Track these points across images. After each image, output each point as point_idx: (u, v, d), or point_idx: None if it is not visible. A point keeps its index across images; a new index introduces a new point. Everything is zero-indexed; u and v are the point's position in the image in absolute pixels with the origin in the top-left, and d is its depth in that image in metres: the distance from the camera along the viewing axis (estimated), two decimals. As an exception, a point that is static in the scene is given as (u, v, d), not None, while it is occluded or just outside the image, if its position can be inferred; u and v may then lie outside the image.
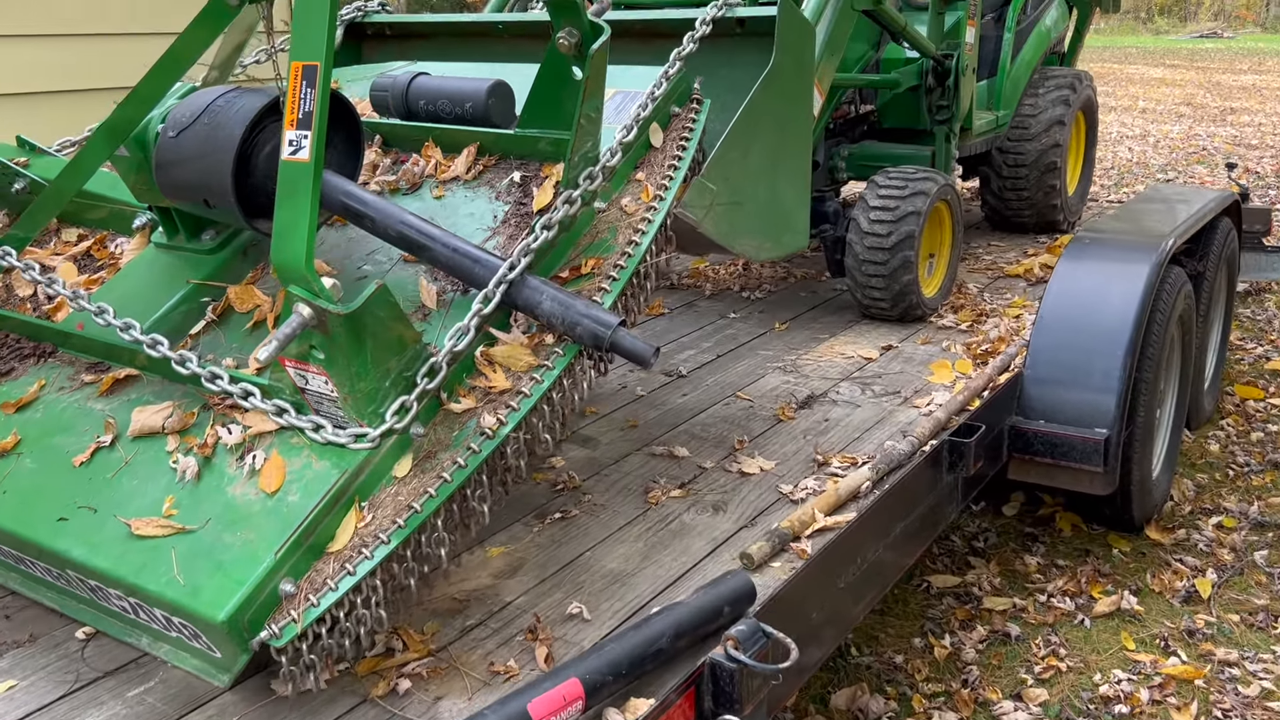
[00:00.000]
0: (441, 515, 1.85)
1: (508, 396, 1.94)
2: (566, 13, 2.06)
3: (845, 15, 3.38)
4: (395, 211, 2.07)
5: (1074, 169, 5.33)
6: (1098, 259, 3.27)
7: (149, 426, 2.02)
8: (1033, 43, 4.94)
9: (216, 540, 1.80)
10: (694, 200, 2.37)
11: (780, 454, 2.79)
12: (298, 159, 1.67)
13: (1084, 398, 3.03)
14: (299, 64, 1.65)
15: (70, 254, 2.55)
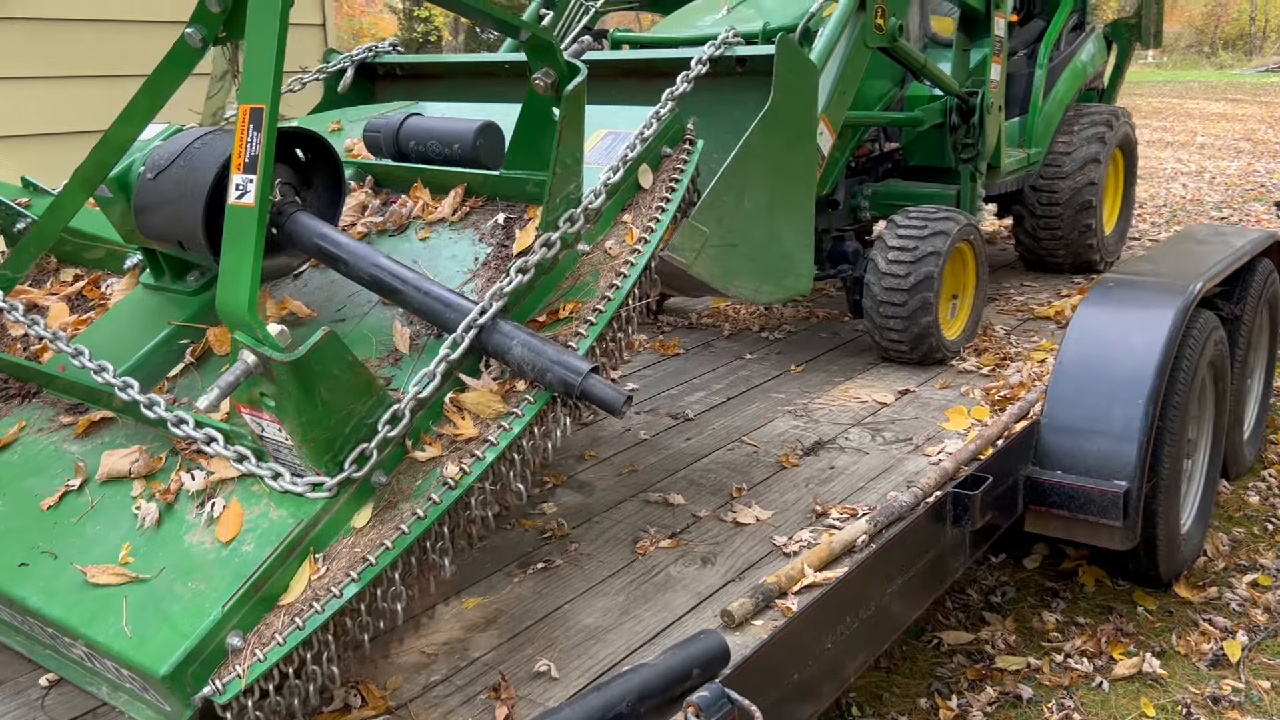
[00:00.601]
0: (399, 568, 1.80)
1: (474, 445, 1.89)
2: (543, 54, 2.03)
3: (858, 53, 3.31)
4: (368, 254, 2.03)
5: (1112, 208, 5.18)
6: (1121, 303, 3.14)
7: (116, 471, 2.00)
8: (1067, 79, 4.83)
9: (168, 590, 1.76)
10: (684, 243, 2.31)
11: (779, 503, 2.70)
12: (243, 203, 1.64)
13: (1103, 448, 2.89)
14: (246, 107, 1.63)
15: (64, 294, 2.56)
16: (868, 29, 3.32)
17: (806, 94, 2.59)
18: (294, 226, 2.07)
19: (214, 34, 1.79)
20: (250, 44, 1.62)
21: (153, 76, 1.88)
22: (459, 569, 2.38)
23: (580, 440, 3.20)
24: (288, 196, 2.08)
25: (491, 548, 2.52)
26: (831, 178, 3.97)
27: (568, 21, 3.97)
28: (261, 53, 1.60)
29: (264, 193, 1.64)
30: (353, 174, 2.58)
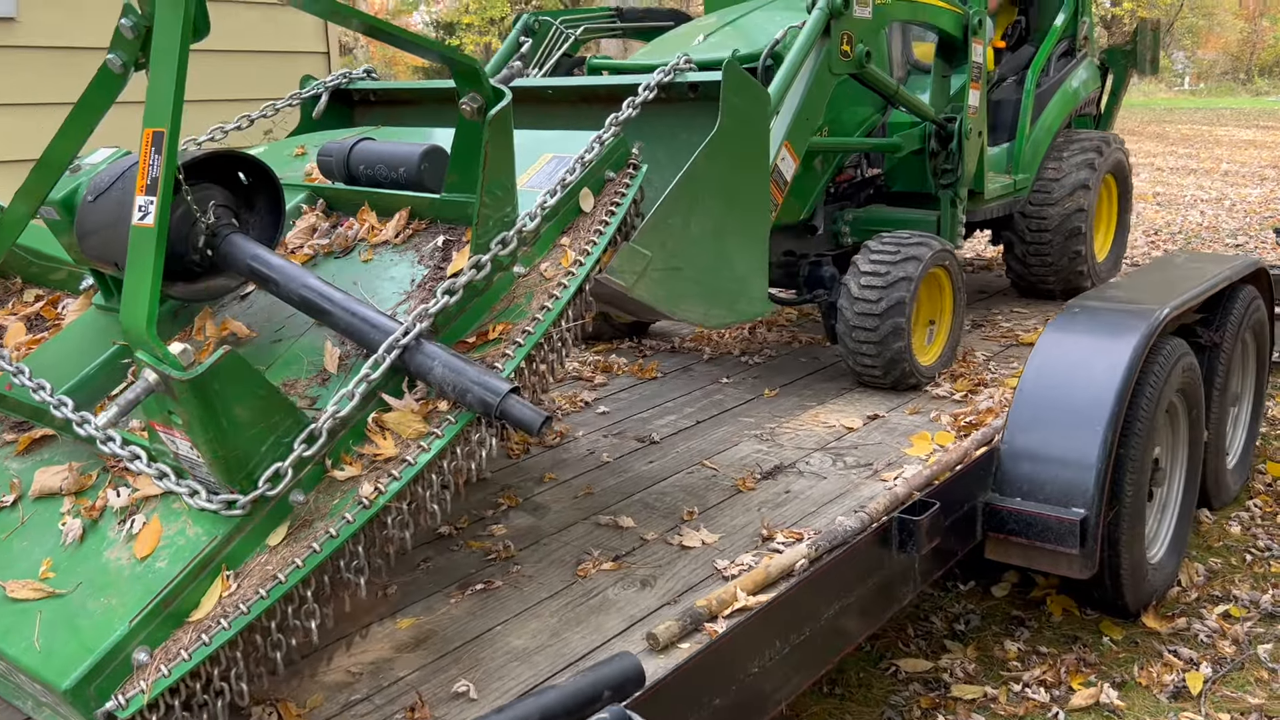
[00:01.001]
0: (311, 586, 1.81)
1: (392, 465, 1.91)
2: (469, 80, 2.06)
3: (822, 81, 3.33)
4: (299, 275, 2.06)
5: (1105, 235, 5.15)
6: (1086, 328, 3.12)
7: (48, 488, 2.03)
8: (1056, 105, 4.82)
9: (81, 605, 1.79)
10: (623, 265, 2.32)
11: (728, 527, 2.70)
12: (144, 224, 1.68)
13: (1061, 475, 2.87)
14: (149, 130, 1.67)
15: (23, 314, 2.61)
16: (833, 56, 3.34)
17: (756, 120, 2.60)
18: (229, 248, 2.11)
19: (134, 59, 1.83)
20: (153, 70, 1.67)
21: (81, 101, 1.93)
22: (399, 589, 2.42)
23: (543, 462, 3.22)
24: (223, 219, 2.12)
25: (435, 568, 2.54)
26: (809, 203, 3.98)
27: (548, 48, 4.02)
28: (163, 79, 1.65)
29: (163, 214, 1.68)
30: (305, 197, 2.63)
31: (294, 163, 2.89)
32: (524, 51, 3.99)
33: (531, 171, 2.42)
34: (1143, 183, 13.24)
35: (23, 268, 2.72)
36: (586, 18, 4.21)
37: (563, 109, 3.04)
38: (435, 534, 2.71)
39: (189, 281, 2.21)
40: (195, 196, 2.07)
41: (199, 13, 1.74)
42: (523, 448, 3.33)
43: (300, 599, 1.80)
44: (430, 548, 2.65)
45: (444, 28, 27.45)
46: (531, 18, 4.06)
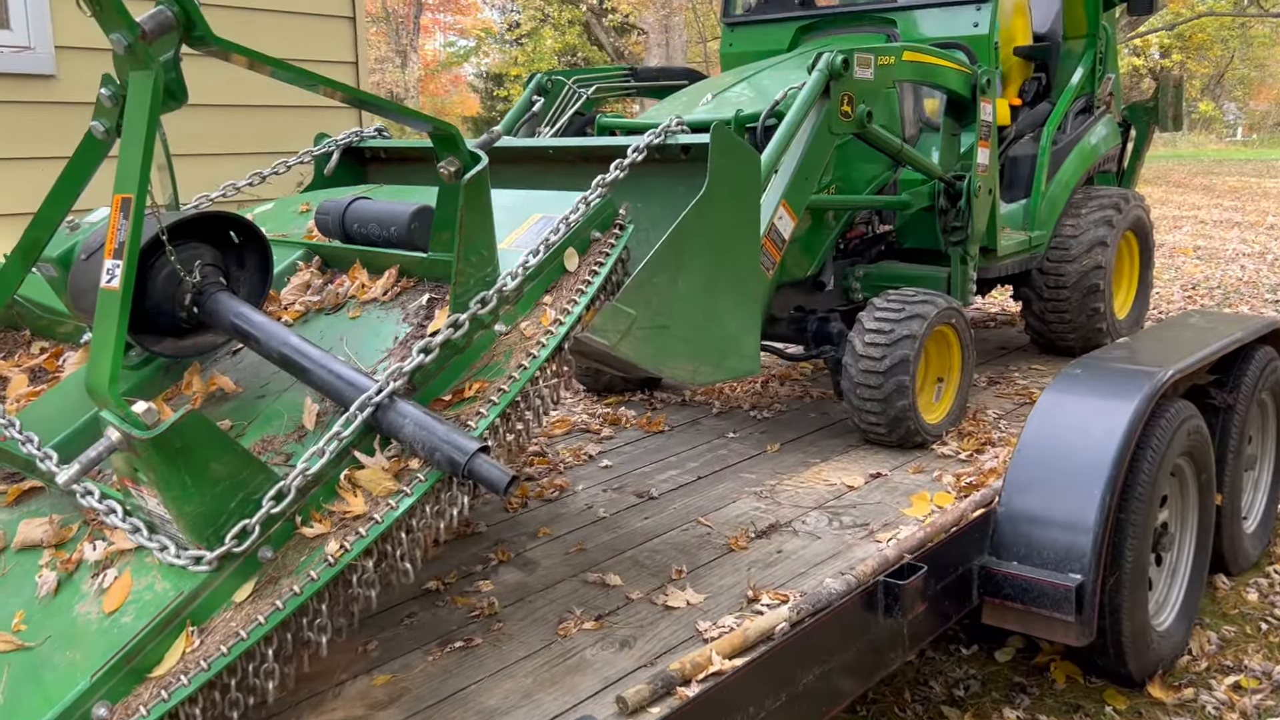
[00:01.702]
0: (273, 644, 1.83)
1: (360, 523, 1.93)
2: (446, 144, 2.10)
3: (822, 141, 3.35)
4: (279, 334, 2.11)
5: (1126, 293, 5.10)
6: (1085, 391, 3.08)
7: (30, 539, 2.08)
8: (1074, 161, 4.80)
9: (48, 659, 1.82)
10: (606, 324, 2.33)
11: (715, 587, 2.68)
12: (110, 287, 1.73)
13: (1057, 539, 2.82)
14: (118, 196, 1.72)
15: (28, 365, 2.68)
16: (833, 116, 3.36)
17: (745, 181, 2.62)
18: (214, 306, 2.16)
19: (115, 125, 1.90)
20: (124, 138, 1.73)
21: (69, 164, 2.00)
22: (380, 644, 2.43)
23: (539, 516, 3.22)
24: (210, 278, 2.18)
25: (419, 624, 2.55)
26: (818, 258, 3.99)
27: (561, 106, 4.08)
28: (133, 146, 1.70)
29: (129, 277, 1.72)
30: (302, 254, 2.69)
31: (298, 219, 2.96)
32: (536, 110, 4.06)
33: (520, 231, 2.45)
34: (1185, 236, 13.08)
35: (31, 320, 2.81)
36: (600, 76, 4.29)
37: (561, 168, 3.08)
38: (422, 589, 2.72)
39: (177, 338, 2.27)
40: (183, 256, 2.14)
41: (175, 83, 1.81)
42: (520, 502, 3.34)
43: (261, 656, 1.82)
44: (416, 603, 2.66)
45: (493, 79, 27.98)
46: (544, 77, 4.14)
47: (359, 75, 6.08)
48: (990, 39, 4.23)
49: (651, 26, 20.31)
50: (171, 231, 2.09)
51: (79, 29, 4.73)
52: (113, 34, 1.74)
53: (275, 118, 5.56)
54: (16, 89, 4.66)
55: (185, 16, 1.77)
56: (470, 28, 31.09)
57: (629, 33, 22.67)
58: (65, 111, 4.83)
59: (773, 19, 4.75)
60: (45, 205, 2.07)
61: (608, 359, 2.45)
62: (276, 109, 5.57)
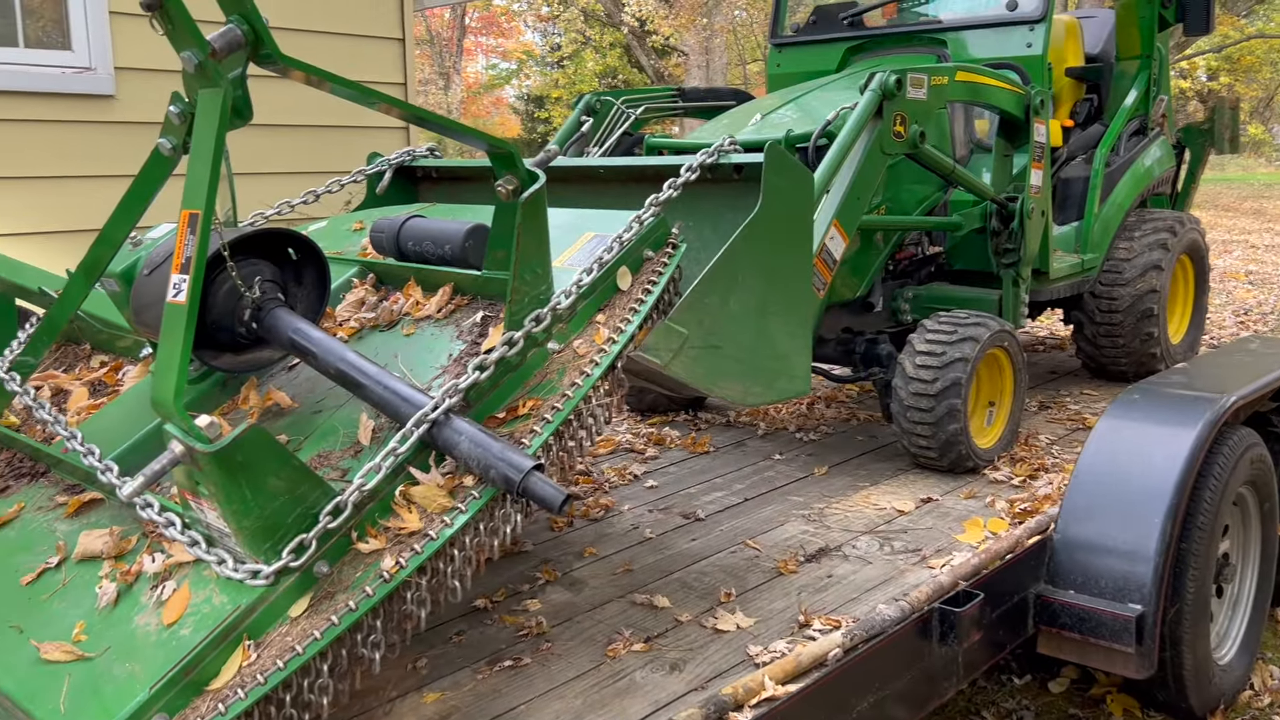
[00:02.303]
0: (327, 660, 1.83)
1: (415, 539, 1.93)
2: (504, 163, 2.11)
3: (874, 161, 3.33)
4: (337, 349, 2.12)
5: (1181, 318, 5.01)
6: (1144, 415, 3.03)
7: (90, 551, 2.10)
8: (1127, 184, 4.74)
9: (107, 670, 1.83)
10: (659, 343, 2.32)
11: (765, 611, 2.65)
12: (177, 301, 1.74)
13: (1117, 568, 2.77)
14: (185, 211, 1.74)
15: (88, 379, 2.72)
16: (885, 136, 3.34)
17: (798, 201, 2.60)
18: (272, 322, 2.17)
19: (182, 142, 1.92)
20: (192, 155, 1.75)
21: (135, 182, 2.03)
22: (429, 661, 2.43)
23: (585, 536, 3.21)
24: (269, 293, 2.20)
25: (468, 642, 2.54)
26: (867, 279, 3.95)
27: (609, 127, 4.10)
28: (201, 163, 1.73)
29: (195, 292, 1.74)
30: (357, 271, 2.70)
31: (352, 237, 2.98)
32: (585, 130, 4.08)
33: (573, 250, 2.46)
34: (1236, 260, 12.86)
35: (91, 334, 2.85)
36: (648, 97, 4.30)
37: (613, 188, 3.08)
38: (470, 607, 2.72)
39: (236, 353, 2.29)
40: (244, 272, 2.16)
41: (241, 100, 1.83)
42: (566, 521, 3.33)
43: (316, 672, 1.82)
44: (464, 620, 2.65)
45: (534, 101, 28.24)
46: (594, 97, 4.15)
47: (406, 96, 6.15)
48: (1043, 59, 4.19)
49: (692, 48, 20.41)
50: (232, 247, 2.11)
51: (138, 50, 4.84)
52: (184, 52, 1.77)
53: (322, 138, 5.63)
54: (77, 109, 4.76)
55: (254, 35, 1.79)
56: (512, 50, 31.44)
57: (669, 55, 22.80)
58: (123, 131, 4.93)
59: (821, 39, 4.74)
60: (110, 222, 2.11)
61: (659, 378, 2.44)
62: (323, 129, 5.65)
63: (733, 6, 20.99)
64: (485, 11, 26.23)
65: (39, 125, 4.64)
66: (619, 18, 21.99)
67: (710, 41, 19.85)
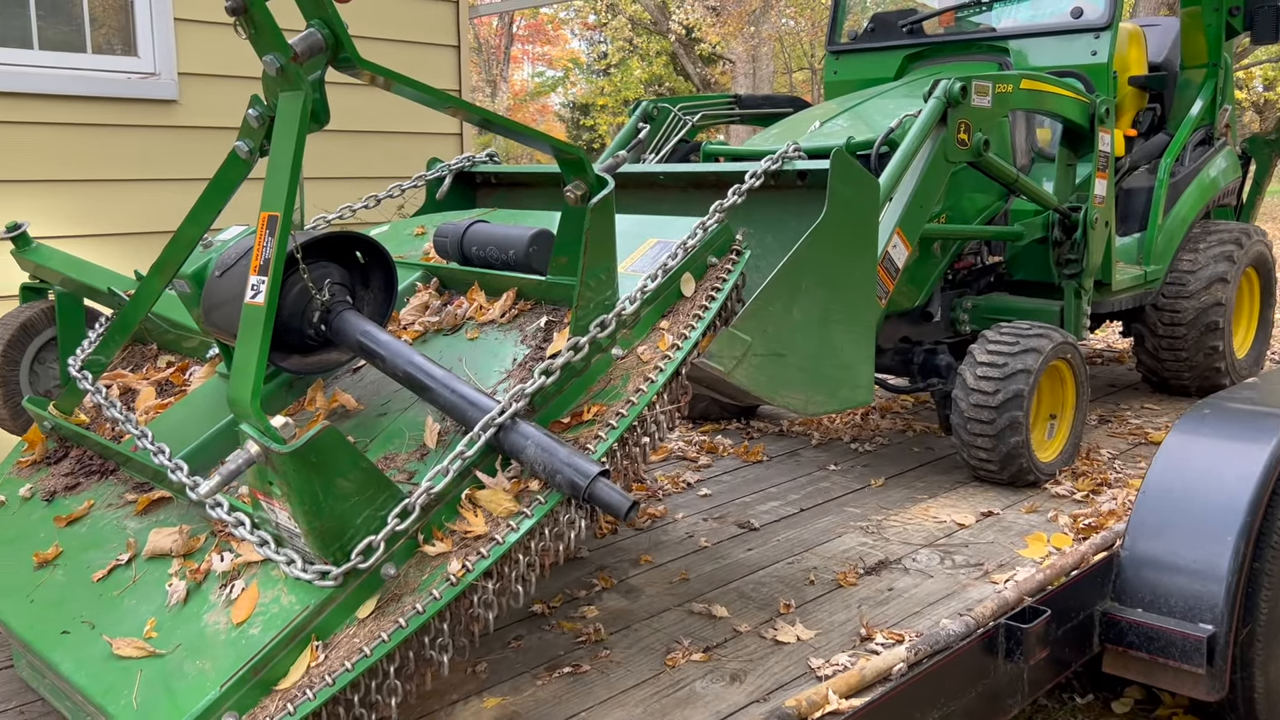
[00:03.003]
0: (395, 662, 1.83)
1: (481, 543, 1.92)
2: (573, 169, 2.11)
3: (937, 169, 3.29)
4: (405, 352, 2.12)
5: (1246, 331, 4.90)
6: (1215, 432, 2.95)
7: (160, 548, 2.12)
8: (1192, 195, 4.65)
9: (178, 667, 1.84)
10: (722, 350, 2.31)
11: (826, 623, 2.62)
12: (255, 303, 1.75)
13: (1188, 587, 2.70)
14: (264, 214, 1.75)
15: (155, 379, 2.76)
16: (949, 144, 3.30)
17: (864, 208, 2.58)
18: (341, 324, 2.19)
19: (259, 145, 1.94)
20: (272, 158, 1.76)
21: (212, 183, 2.05)
22: (488, 666, 2.42)
23: (640, 544, 3.20)
24: (338, 296, 2.21)
25: (526, 647, 2.53)
26: (926, 289, 3.91)
27: (666, 134, 4.09)
28: (280, 165, 1.74)
29: (273, 294, 1.75)
30: (421, 275, 2.72)
31: (413, 241, 3.00)
32: (642, 137, 4.08)
33: (636, 255, 2.45)
34: (1294, 274, 12.58)
35: (159, 335, 2.89)
36: (705, 104, 4.29)
37: (673, 194, 3.07)
38: (528, 612, 2.71)
39: (304, 354, 2.30)
40: (314, 274, 2.17)
41: (319, 104, 1.84)
42: (612, 527, 3.32)
43: (384, 674, 1.82)
44: (522, 625, 2.65)
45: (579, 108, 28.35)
46: (651, 104, 4.15)
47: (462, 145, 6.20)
48: (1108, 68, 4.12)
49: (739, 56, 20.38)
50: (303, 249, 2.13)
51: (201, 57, 4.90)
52: (266, 55, 1.78)
53: (377, 144, 5.66)
54: (142, 114, 4.84)
55: (334, 39, 1.80)
56: (558, 58, 31.58)
57: (716, 62, 22.77)
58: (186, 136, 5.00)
59: (880, 47, 4.71)
60: (185, 224, 2.13)
61: (721, 386, 2.42)
62: (379, 135, 5.69)
63: (780, 15, 20.93)
64: (532, 20, 26.35)
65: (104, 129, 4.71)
66: (666, 26, 22.03)
67: (757, 50, 19.81)
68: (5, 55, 4.41)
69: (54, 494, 2.47)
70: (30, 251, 3.03)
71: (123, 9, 4.84)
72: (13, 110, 4.41)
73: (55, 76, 4.52)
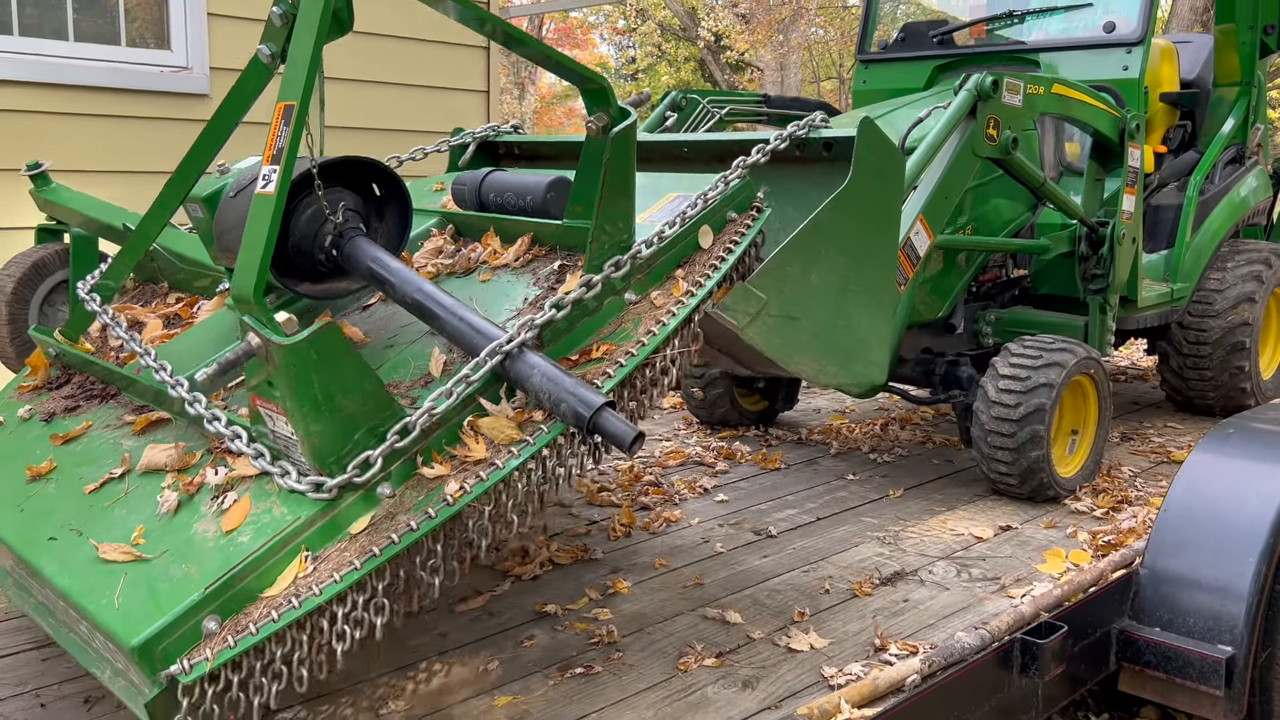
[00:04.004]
0: (384, 578, 1.77)
1: (480, 467, 1.86)
2: (596, 99, 2.07)
3: (964, 160, 3.24)
4: (414, 280, 2.08)
5: (1273, 352, 4.80)
6: (1239, 452, 2.86)
7: (155, 463, 2.07)
8: (1221, 213, 4.57)
9: (164, 571, 1.79)
10: (736, 304, 2.25)
11: (840, 633, 2.54)
12: (265, 192, 1.71)
13: (1208, 606, 2.60)
14: (281, 104, 1.72)
15: (163, 312, 2.72)
16: (977, 137, 3.26)
17: (889, 178, 2.52)
18: (352, 250, 2.15)
19: (281, 49, 1.91)
20: (292, 51, 1.73)
21: (231, 92, 2.02)
22: (501, 664, 2.36)
23: (655, 547, 3.13)
24: (351, 222, 2.17)
25: (539, 646, 2.48)
26: (949, 300, 3.85)
27: (693, 125, 4.07)
28: (299, 56, 1.70)
29: (284, 182, 1.71)
30: (436, 222, 2.69)
31: (433, 196, 2.97)
32: (669, 125, 4.06)
33: (655, 208, 2.41)
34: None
35: (170, 273, 2.86)
36: (734, 100, 4.27)
37: (697, 167, 3.03)
38: (541, 612, 2.66)
39: (314, 281, 2.26)
40: (329, 198, 2.13)
41: (345, 9, 1.81)
42: (626, 530, 3.24)
43: (373, 590, 1.75)
44: (535, 625, 2.59)
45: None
46: (680, 94, 4.13)
47: (489, 103, 6.21)
48: (1139, 83, 4.08)
49: (768, 64, 20.34)
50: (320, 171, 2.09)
51: (233, 51, 4.92)
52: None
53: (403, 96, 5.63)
54: (174, 107, 4.86)
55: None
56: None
57: (744, 70, 22.74)
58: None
59: (910, 57, 4.68)
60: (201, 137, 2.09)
61: (733, 345, 2.36)
62: (411, 88, 5.67)
63: (810, 23, 20.97)
64: (562, 24, 26.40)
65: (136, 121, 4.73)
66: (695, 32, 22.09)
67: (786, 58, 19.78)
68: (40, 46, 4.45)
69: (52, 415, 2.42)
70: (49, 191, 3.02)
71: (156, 3, 4.88)
72: (46, 100, 4.44)
73: (89, 68, 4.55)
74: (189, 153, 2.12)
